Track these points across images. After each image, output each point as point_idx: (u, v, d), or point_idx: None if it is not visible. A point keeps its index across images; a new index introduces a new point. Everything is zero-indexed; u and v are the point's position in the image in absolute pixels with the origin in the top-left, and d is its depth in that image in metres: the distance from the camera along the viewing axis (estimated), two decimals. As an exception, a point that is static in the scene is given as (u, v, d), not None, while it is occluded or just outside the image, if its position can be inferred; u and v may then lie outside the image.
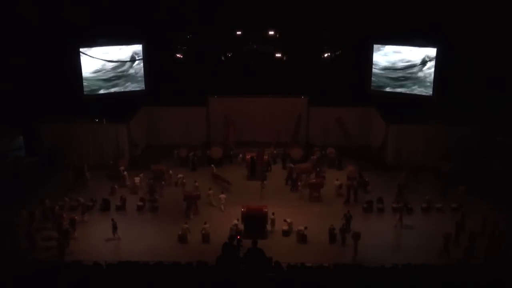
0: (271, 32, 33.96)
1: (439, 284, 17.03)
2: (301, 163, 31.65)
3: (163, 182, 29.66)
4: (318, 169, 30.93)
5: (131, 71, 34.68)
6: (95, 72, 33.57)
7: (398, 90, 34.28)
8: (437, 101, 32.83)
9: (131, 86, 34.92)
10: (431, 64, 32.81)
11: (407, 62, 33.64)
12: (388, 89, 34.60)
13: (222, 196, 27.63)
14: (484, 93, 31.13)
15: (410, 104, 33.08)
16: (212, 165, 31.37)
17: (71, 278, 17.04)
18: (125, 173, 30.43)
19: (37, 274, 17.57)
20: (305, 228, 24.58)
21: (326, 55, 34.23)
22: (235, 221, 24.71)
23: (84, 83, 33.32)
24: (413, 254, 22.89)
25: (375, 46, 34.29)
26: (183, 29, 34.49)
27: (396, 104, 33.33)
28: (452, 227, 25.70)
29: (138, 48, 34.41)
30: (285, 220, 25.16)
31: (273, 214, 25.33)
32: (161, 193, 28.96)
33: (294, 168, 30.60)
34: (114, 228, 24.46)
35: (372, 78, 34.81)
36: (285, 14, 32.91)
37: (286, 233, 24.93)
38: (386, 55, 34.22)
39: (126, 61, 34.34)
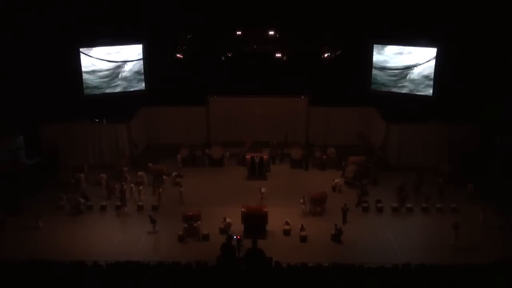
0: (271, 32, 33.94)
1: (439, 284, 17.02)
2: (355, 156, 31.64)
3: (158, 189, 29.63)
4: (369, 164, 31.01)
5: (131, 71, 34.64)
6: (95, 72, 33.55)
7: (398, 90, 34.27)
8: (437, 101, 32.82)
9: (131, 86, 34.90)
10: (431, 64, 32.79)
11: (407, 62, 33.61)
12: (388, 89, 34.57)
13: (181, 189, 28.51)
14: (484, 93, 31.12)
15: (410, 104, 33.08)
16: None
17: (71, 278, 17.03)
18: (127, 174, 30.55)
19: (37, 274, 17.56)
20: (302, 226, 24.75)
21: (326, 55, 34.21)
22: (227, 220, 24.94)
23: (84, 83, 33.29)
24: (413, 254, 22.89)
25: (375, 46, 34.27)
26: (183, 29, 34.48)
27: (396, 104, 33.33)
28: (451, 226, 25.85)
29: (138, 48, 34.38)
30: (287, 223, 25.23)
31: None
32: (160, 193, 29.00)
33: (348, 161, 30.98)
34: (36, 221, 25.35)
35: (372, 78, 34.79)
36: (285, 14, 32.91)
37: (286, 233, 24.99)
38: (386, 55, 34.21)
39: (126, 61, 34.31)
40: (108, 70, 33.90)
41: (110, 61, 33.79)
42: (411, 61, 33.46)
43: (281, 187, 30.22)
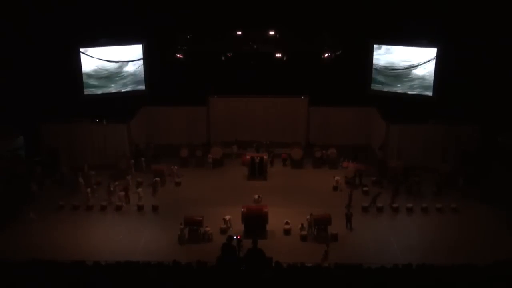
0: (271, 32, 33.94)
1: (439, 284, 17.02)
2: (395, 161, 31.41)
3: (158, 179, 29.78)
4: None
5: (131, 71, 34.62)
6: (95, 72, 33.53)
7: (398, 90, 34.26)
8: (437, 101, 32.82)
9: (131, 86, 34.89)
10: (431, 64, 32.77)
11: (407, 62, 33.59)
12: (388, 89, 34.56)
13: (139, 190, 28.34)
14: (484, 93, 31.11)
15: (410, 104, 33.08)
16: None
17: (71, 278, 17.03)
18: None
19: (37, 274, 17.55)
20: (302, 225, 24.84)
21: (326, 55, 34.20)
22: (227, 217, 25.17)
23: (84, 83, 33.27)
24: (413, 254, 22.90)
25: (375, 46, 34.24)
26: (183, 29, 34.48)
27: (396, 104, 33.33)
28: (451, 226, 25.87)
29: (138, 48, 34.36)
30: (287, 223, 25.26)
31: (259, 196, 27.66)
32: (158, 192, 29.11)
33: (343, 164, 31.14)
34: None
35: (373, 78, 34.76)
36: (285, 14, 32.88)
37: (287, 232, 24.99)
38: (386, 55, 34.17)
39: (126, 61, 34.29)
40: (108, 70, 33.87)
41: (110, 61, 33.78)
42: (411, 61, 33.42)
43: (281, 187, 30.24)
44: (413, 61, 33.35)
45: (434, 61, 32.57)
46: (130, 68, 34.51)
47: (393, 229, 25.68)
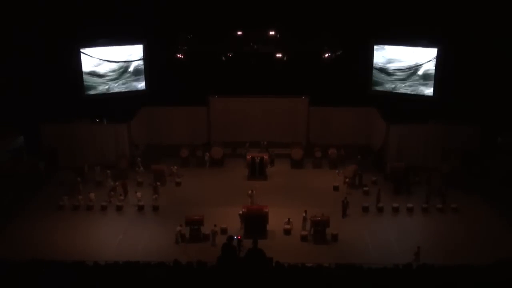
0: (272, 32, 33.94)
1: (439, 284, 17.01)
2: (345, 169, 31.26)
3: (158, 183, 29.79)
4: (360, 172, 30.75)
5: (131, 71, 34.61)
6: (95, 72, 33.52)
7: (399, 90, 34.24)
8: (437, 101, 32.81)
9: (131, 86, 34.87)
10: (431, 64, 32.77)
11: (407, 62, 33.57)
12: (388, 89, 34.55)
13: (138, 194, 28.21)
14: (484, 93, 31.12)
15: (410, 104, 33.08)
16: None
17: (71, 278, 17.03)
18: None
19: (37, 274, 17.56)
20: (306, 212, 25.06)
21: (326, 55, 34.21)
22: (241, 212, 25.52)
23: (84, 83, 33.28)
24: (413, 254, 22.90)
25: (376, 46, 34.23)
26: (183, 29, 34.48)
27: (396, 104, 33.33)
28: (451, 227, 25.86)
29: (138, 48, 34.37)
30: (288, 221, 25.26)
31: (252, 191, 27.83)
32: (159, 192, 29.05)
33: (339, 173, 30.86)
34: None
35: (373, 78, 34.75)
36: (286, 14, 32.90)
37: (287, 232, 24.99)
38: (386, 55, 34.15)
39: (127, 61, 34.28)
40: (108, 70, 33.85)
41: (111, 61, 33.77)
42: (411, 61, 33.42)
43: (281, 187, 30.24)
44: (413, 61, 33.34)
45: (434, 61, 32.57)
46: (130, 68, 34.50)
47: (393, 229, 25.68)
